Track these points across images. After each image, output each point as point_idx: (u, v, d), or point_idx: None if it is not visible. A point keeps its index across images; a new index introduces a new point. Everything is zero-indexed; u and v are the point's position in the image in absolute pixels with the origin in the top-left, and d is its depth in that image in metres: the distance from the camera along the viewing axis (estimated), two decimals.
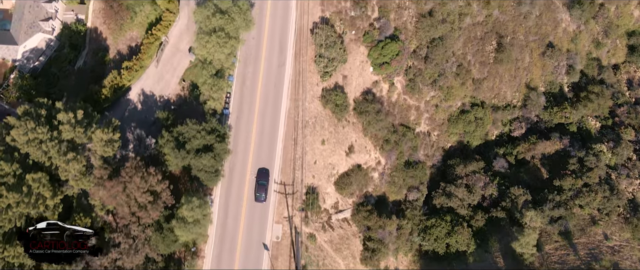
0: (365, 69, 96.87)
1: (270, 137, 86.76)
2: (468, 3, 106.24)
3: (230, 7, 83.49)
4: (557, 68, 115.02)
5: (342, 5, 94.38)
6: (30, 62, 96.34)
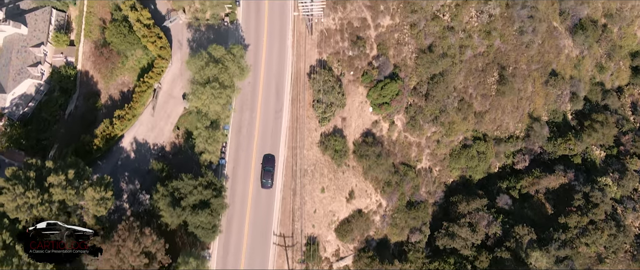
0: (365, 110, 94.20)
1: (268, 188, 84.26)
2: (469, 35, 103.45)
3: (224, 55, 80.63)
4: (560, 97, 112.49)
5: (339, 45, 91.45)
6: (19, 109, 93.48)
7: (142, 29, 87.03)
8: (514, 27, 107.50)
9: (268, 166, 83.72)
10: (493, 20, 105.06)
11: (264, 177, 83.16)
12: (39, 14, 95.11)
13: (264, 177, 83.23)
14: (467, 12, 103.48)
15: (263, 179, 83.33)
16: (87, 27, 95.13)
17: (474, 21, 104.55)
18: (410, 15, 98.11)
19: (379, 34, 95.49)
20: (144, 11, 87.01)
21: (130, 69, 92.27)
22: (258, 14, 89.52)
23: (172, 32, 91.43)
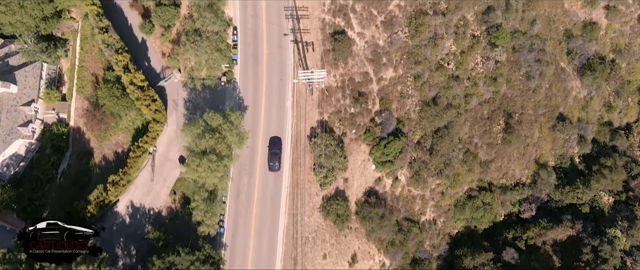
0: (367, 168, 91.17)
1: (268, 258, 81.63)
2: (474, 83, 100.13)
3: (221, 124, 77.47)
4: (567, 141, 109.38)
5: (341, 103, 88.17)
6: (10, 169, 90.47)
7: (135, 92, 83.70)
8: (521, 71, 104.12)
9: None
10: (499, 66, 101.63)
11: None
12: (30, 70, 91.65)
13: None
14: (472, 58, 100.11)
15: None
16: (79, 82, 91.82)
17: (479, 67, 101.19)
18: (414, 66, 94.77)
19: (381, 88, 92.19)
20: (137, 73, 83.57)
21: (124, 129, 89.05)
22: (256, 74, 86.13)
23: (167, 91, 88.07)
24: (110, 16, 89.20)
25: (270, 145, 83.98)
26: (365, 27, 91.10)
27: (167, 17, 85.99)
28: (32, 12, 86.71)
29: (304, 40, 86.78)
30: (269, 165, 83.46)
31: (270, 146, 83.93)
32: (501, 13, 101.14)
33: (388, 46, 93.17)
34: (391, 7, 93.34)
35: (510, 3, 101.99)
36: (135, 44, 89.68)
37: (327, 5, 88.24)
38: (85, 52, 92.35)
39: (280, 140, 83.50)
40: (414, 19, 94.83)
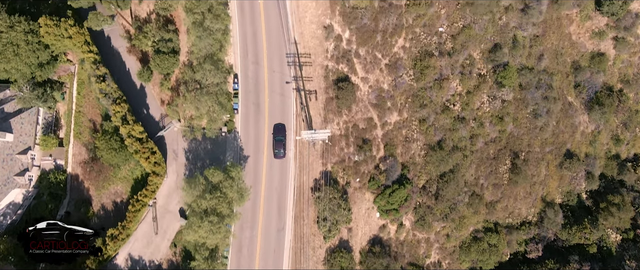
0: (372, 216, 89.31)
1: None
2: (480, 123, 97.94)
3: (222, 181, 75.47)
4: (575, 179, 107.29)
5: (344, 152, 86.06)
6: (6, 219, 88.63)
7: (134, 144, 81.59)
8: (528, 109, 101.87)
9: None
10: (506, 105, 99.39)
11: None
12: (25, 116, 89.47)
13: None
14: (478, 98, 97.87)
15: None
16: (76, 127, 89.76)
17: (485, 107, 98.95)
18: (419, 109, 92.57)
19: (385, 133, 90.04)
20: (136, 125, 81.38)
21: (123, 178, 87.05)
22: (258, 123, 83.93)
23: (166, 140, 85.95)
24: (107, 60, 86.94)
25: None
26: (369, 71, 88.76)
27: (165, 66, 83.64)
28: (28, 59, 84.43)
29: (306, 88, 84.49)
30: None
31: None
32: (508, 50, 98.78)
33: (392, 90, 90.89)
34: (396, 49, 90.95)
35: (517, 40, 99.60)
36: (133, 91, 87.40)
37: (330, 52, 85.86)
38: (82, 96, 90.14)
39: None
40: (419, 61, 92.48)
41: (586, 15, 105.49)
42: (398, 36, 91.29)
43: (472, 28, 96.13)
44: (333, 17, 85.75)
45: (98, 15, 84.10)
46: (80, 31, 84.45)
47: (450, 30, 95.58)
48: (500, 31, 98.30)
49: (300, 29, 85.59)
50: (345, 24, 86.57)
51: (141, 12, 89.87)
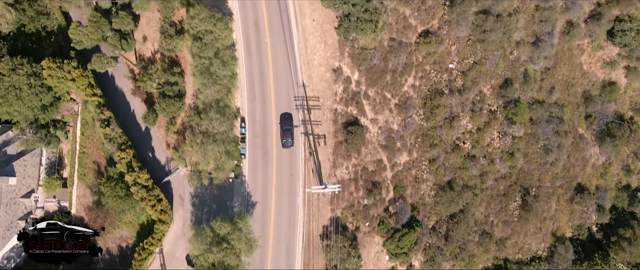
0: (381, 259, 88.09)
1: None
2: (491, 160, 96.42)
3: (229, 233, 74.15)
4: (585, 213, 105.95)
5: (354, 196, 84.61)
6: (10, 262, 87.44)
7: (140, 192, 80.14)
8: (539, 144, 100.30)
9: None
10: (517, 141, 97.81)
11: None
12: (28, 158, 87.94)
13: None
14: (489, 134, 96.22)
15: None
16: (80, 169, 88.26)
17: (495, 143, 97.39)
18: (429, 149, 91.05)
19: (395, 174, 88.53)
20: (142, 173, 79.85)
21: (128, 223, 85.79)
22: (265, 169, 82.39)
23: (172, 185, 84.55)
24: (111, 101, 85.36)
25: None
26: (378, 112, 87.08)
27: (171, 110, 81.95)
28: (30, 103, 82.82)
29: (315, 132, 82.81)
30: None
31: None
32: (519, 85, 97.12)
33: (402, 130, 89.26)
34: (405, 88, 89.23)
35: (528, 74, 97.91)
36: (138, 133, 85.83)
37: (339, 95, 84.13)
38: (86, 137, 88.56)
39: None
40: (429, 100, 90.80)
41: (598, 45, 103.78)
42: (408, 75, 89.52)
43: (483, 64, 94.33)
44: (342, 59, 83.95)
45: (102, 58, 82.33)
46: (84, 74, 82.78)
47: (460, 67, 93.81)
48: (511, 66, 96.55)
49: (309, 71, 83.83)
50: (355, 65, 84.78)
51: (145, 51, 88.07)
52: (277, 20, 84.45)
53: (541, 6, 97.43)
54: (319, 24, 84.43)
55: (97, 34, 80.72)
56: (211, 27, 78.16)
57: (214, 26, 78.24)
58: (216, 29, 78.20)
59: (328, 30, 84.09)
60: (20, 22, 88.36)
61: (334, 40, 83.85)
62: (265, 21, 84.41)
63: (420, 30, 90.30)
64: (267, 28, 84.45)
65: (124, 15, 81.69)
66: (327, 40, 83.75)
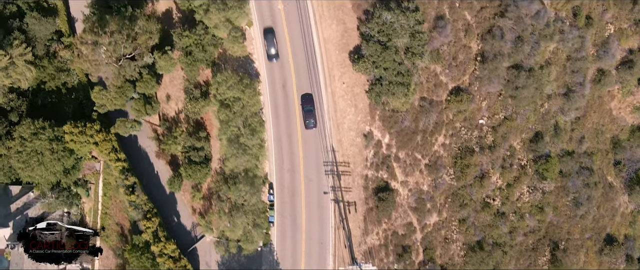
0: None
1: None
2: (520, 216, 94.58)
3: None
4: (614, 264, 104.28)
5: (384, 262, 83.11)
6: None
7: (167, 262, 78.40)
8: (569, 197, 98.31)
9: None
10: (546, 195, 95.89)
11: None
12: (51, 220, 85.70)
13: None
14: (519, 189, 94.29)
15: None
16: (103, 231, 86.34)
17: (525, 197, 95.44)
18: (459, 209, 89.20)
19: (425, 236, 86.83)
20: (168, 244, 78.11)
21: None
22: (294, 237, 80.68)
23: (198, 251, 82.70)
24: (133, 161, 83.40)
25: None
26: (408, 174, 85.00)
27: (197, 177, 79.87)
28: (52, 168, 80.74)
29: (345, 199, 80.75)
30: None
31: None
32: (550, 138, 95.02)
33: (432, 190, 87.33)
34: (436, 147, 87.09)
35: (558, 126, 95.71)
36: (162, 196, 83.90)
37: (369, 160, 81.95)
38: (109, 198, 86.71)
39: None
40: (459, 159, 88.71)
41: (628, 91, 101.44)
42: (438, 134, 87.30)
43: (513, 119, 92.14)
44: (373, 123, 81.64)
45: (126, 123, 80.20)
46: (107, 138, 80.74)
47: (490, 122, 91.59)
48: (542, 118, 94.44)
49: (339, 135, 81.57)
50: (385, 128, 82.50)
51: (169, 110, 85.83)
52: (305, 82, 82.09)
53: (573, 56, 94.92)
54: (349, 87, 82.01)
55: (121, 99, 78.53)
56: (239, 94, 75.82)
57: (242, 93, 75.88)
58: (244, 96, 75.86)
59: (358, 94, 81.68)
60: (40, 79, 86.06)
61: (364, 104, 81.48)
62: (294, 84, 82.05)
63: (451, 87, 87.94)
64: (296, 91, 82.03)
65: (149, 79, 79.36)
66: (358, 104, 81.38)
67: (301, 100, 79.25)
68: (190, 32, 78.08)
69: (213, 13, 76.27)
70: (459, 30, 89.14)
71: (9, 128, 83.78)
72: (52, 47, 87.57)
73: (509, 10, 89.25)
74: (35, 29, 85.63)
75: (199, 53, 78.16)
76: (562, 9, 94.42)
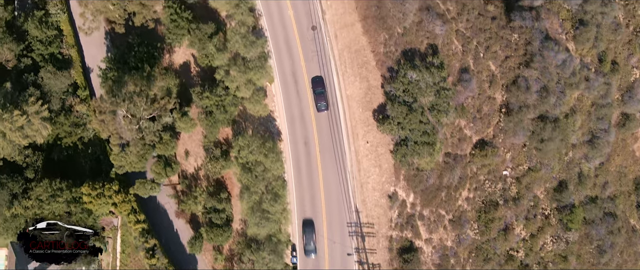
0: None
1: None
2: (544, 267, 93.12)
3: None
4: None
5: None
6: None
7: None
8: (593, 245, 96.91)
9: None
10: (570, 245, 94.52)
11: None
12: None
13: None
14: (542, 239, 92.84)
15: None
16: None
17: (548, 247, 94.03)
18: (483, 264, 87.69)
19: None
20: None
21: None
22: None
23: None
24: (152, 219, 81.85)
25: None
26: (432, 231, 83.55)
27: (219, 240, 78.44)
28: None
29: (369, 261, 79.33)
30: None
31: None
32: (574, 187, 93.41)
33: (456, 246, 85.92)
34: (460, 202, 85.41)
35: (583, 173, 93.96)
36: (182, 255, 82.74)
37: (394, 220, 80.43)
38: (127, 255, 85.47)
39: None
40: (483, 213, 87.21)
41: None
42: (462, 188, 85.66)
43: (538, 170, 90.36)
44: (397, 183, 79.95)
45: (146, 184, 78.65)
46: (126, 199, 79.25)
47: (514, 173, 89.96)
48: (566, 167, 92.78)
49: (363, 196, 79.95)
50: (410, 187, 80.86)
51: (188, 166, 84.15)
52: (328, 140, 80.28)
53: (598, 103, 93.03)
54: (373, 147, 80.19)
55: (141, 163, 76.71)
56: (262, 158, 73.97)
57: (265, 157, 74.09)
58: (267, 161, 74.00)
59: (383, 154, 79.91)
60: (56, 134, 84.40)
61: (389, 164, 79.70)
62: (316, 141, 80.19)
63: (475, 140, 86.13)
64: (318, 149, 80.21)
65: (168, 141, 77.59)
66: (382, 164, 79.61)
67: (322, 160, 77.59)
68: (211, 93, 76.10)
69: (235, 75, 74.19)
70: (484, 81, 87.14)
71: (26, 185, 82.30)
72: (67, 100, 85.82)
73: (535, 60, 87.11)
74: (51, 83, 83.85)
75: (220, 114, 76.27)
76: (587, 55, 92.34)
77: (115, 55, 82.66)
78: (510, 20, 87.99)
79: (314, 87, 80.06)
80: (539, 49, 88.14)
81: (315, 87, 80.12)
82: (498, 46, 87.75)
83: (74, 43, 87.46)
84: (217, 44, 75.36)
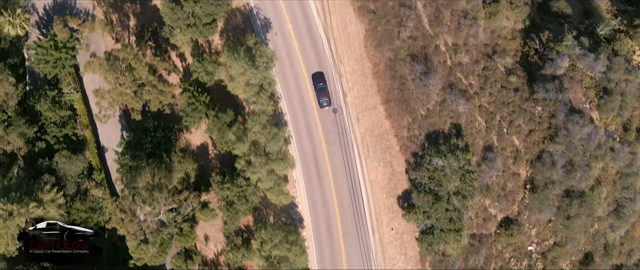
0: None
1: None
2: None
3: None
4: None
5: None
6: None
7: None
8: None
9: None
10: None
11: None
12: None
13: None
14: None
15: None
16: None
17: None
18: None
19: None
20: None
21: None
22: None
23: None
24: None
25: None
26: None
27: None
28: None
29: None
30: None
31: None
32: (600, 258, 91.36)
33: None
34: None
35: (608, 243, 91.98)
36: None
37: None
38: None
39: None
40: None
41: None
42: (488, 268, 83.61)
43: (564, 245, 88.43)
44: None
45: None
46: None
47: (540, 248, 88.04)
48: (592, 239, 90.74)
49: None
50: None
51: (208, 252, 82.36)
52: (351, 226, 78.38)
53: (623, 172, 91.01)
54: (398, 234, 78.32)
55: (161, 258, 74.76)
56: (285, 253, 72.02)
57: (289, 251, 72.10)
58: (291, 255, 72.07)
59: (408, 241, 78.02)
60: (71, 220, 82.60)
61: (414, 251, 77.84)
62: (339, 227, 78.28)
63: (500, 218, 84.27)
64: (341, 235, 78.34)
65: (189, 232, 75.71)
66: (407, 251, 77.74)
67: (346, 247, 75.60)
68: (232, 184, 74.16)
69: (256, 164, 72.33)
70: (508, 158, 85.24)
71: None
72: (82, 184, 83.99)
73: (560, 135, 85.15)
74: (65, 168, 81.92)
75: (242, 205, 74.39)
76: (611, 124, 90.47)
77: (131, 138, 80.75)
78: (533, 92, 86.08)
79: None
80: (563, 123, 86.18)
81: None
82: (522, 120, 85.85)
83: (88, 123, 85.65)
84: (237, 132, 73.38)
